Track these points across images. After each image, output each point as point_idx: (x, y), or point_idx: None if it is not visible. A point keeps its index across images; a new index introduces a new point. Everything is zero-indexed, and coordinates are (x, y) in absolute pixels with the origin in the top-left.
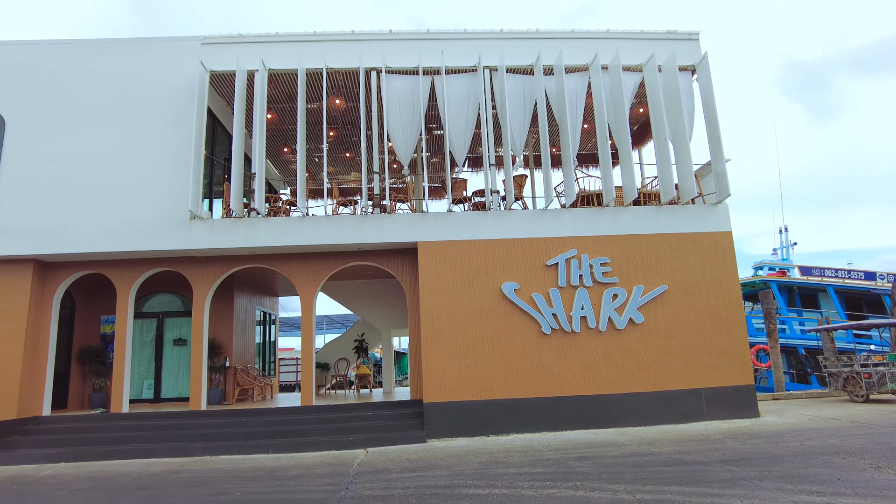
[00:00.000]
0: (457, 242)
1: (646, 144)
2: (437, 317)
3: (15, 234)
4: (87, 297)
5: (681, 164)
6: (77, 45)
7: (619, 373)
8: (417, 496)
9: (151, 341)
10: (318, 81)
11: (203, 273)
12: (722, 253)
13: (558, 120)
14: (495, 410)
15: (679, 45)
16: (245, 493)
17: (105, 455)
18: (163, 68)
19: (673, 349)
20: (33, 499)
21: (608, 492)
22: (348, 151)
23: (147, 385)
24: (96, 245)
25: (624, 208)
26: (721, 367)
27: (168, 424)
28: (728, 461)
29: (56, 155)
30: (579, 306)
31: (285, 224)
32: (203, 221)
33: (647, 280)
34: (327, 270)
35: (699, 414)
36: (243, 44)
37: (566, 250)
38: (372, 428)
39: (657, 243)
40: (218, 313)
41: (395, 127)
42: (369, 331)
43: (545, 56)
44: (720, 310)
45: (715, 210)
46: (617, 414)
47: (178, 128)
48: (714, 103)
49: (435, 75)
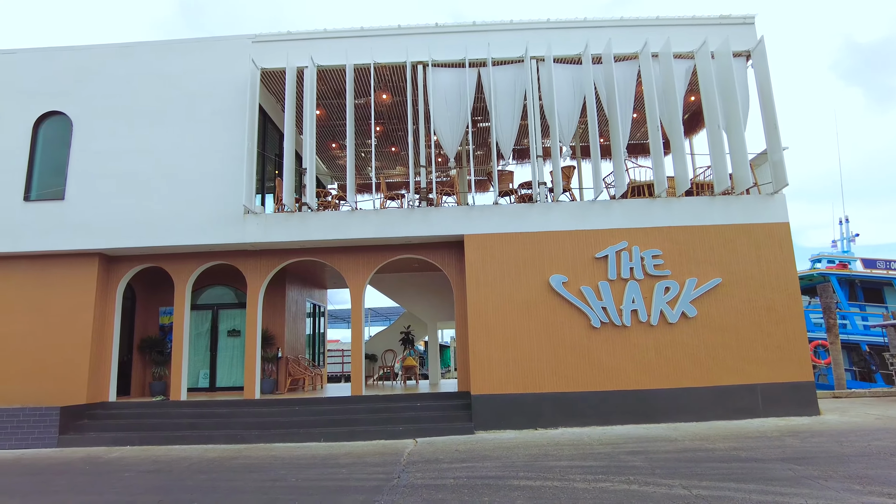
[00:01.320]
0: (503, 235)
1: (697, 133)
2: (483, 310)
3: (82, 230)
4: (147, 289)
5: (735, 154)
6: (136, 48)
7: (670, 367)
8: (469, 486)
9: (207, 332)
10: (365, 77)
11: (256, 266)
12: (779, 244)
13: (607, 109)
14: (543, 403)
15: (733, 29)
16: (300, 479)
17: (167, 440)
18: (216, 67)
19: (727, 343)
20: (106, 477)
21: (662, 486)
22: (394, 146)
23: (203, 374)
24: (156, 239)
25: (676, 199)
26: (777, 362)
27: (224, 412)
28: (789, 459)
29: (119, 153)
30: (630, 299)
31: (335, 218)
32: (256, 216)
33: (700, 273)
34: (376, 263)
35: (754, 410)
36: (292, 41)
37: (616, 242)
38: (420, 419)
39: (711, 235)
40: (270, 305)
41: (441, 121)
42: (415, 323)
43: (593, 45)
44: (777, 303)
45: (771, 200)
46: (668, 409)
47: (232, 125)
48: (771, 90)
49: (481, 67)
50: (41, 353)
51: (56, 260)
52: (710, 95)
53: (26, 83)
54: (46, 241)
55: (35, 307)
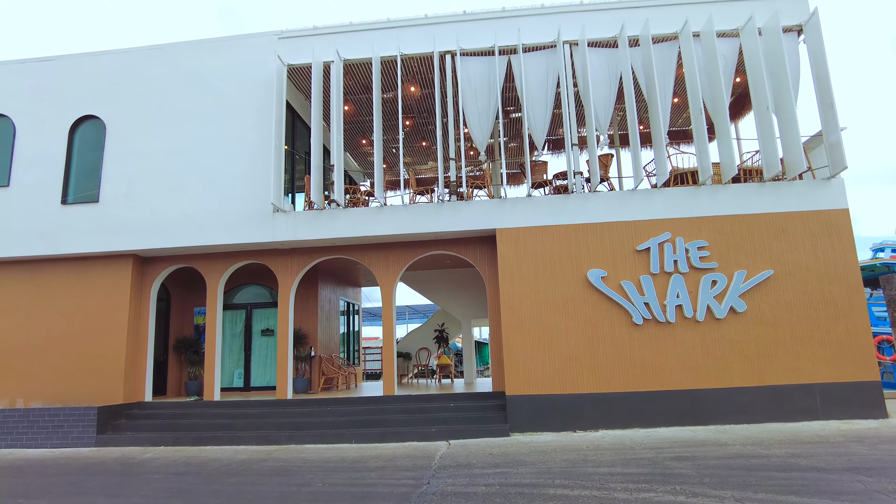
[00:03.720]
0: (538, 228)
1: (742, 117)
2: (518, 306)
3: (116, 231)
4: (181, 289)
5: (786, 136)
6: (164, 49)
7: (718, 365)
8: (501, 494)
9: (241, 332)
10: (392, 69)
11: (287, 264)
12: (837, 233)
13: (646, 94)
14: (582, 404)
15: (783, 3)
16: (327, 483)
17: (200, 441)
18: (244, 65)
19: (780, 340)
20: (135, 480)
21: (712, 498)
22: (424, 140)
23: (237, 374)
24: (188, 239)
25: (722, 186)
26: (837, 359)
27: (256, 413)
28: (856, 469)
29: (150, 154)
30: (674, 294)
31: (364, 214)
32: (286, 214)
33: (749, 265)
34: (406, 260)
35: (812, 412)
36: (318, 35)
37: (658, 234)
38: (454, 419)
39: (760, 224)
40: (303, 304)
41: (471, 111)
42: (449, 321)
43: (630, 26)
44: (835, 296)
45: (828, 185)
46: (716, 410)
47: (260, 123)
48: (827, 66)
49: (511, 54)
50: (79, 353)
51: (92, 262)
52: (757, 75)
53: (63, 89)
54: (83, 243)
55: (73, 309)
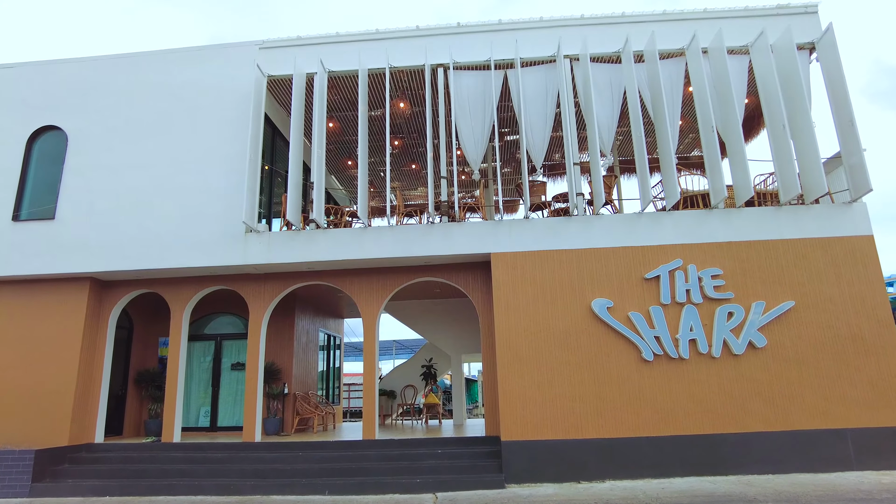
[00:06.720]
0: (536, 253)
1: (753, 138)
2: (514, 339)
3: (73, 251)
4: (145, 317)
5: (804, 157)
6: (137, 58)
7: (737, 407)
8: None
9: (209, 365)
10: (381, 84)
11: (260, 291)
12: (862, 261)
13: (652, 112)
14: (587, 452)
15: (794, 19)
16: None
17: (152, 490)
18: (221, 76)
19: (805, 379)
20: None
21: None
22: (414, 163)
23: (204, 412)
24: (151, 261)
25: (735, 210)
26: (871, 401)
27: (219, 457)
28: None
29: (115, 169)
30: (687, 327)
31: (345, 236)
32: (259, 235)
33: (768, 295)
34: (391, 287)
35: (845, 462)
36: (302, 46)
37: (669, 261)
38: (442, 468)
39: (779, 250)
40: (277, 335)
41: (464, 128)
42: (438, 356)
43: (634, 41)
44: (864, 331)
45: (850, 210)
46: (737, 458)
47: (237, 137)
48: (844, 82)
49: (508, 69)
50: (22, 387)
51: (43, 285)
52: (771, 93)
53: (22, 97)
54: (33, 264)
55: (19, 337)
